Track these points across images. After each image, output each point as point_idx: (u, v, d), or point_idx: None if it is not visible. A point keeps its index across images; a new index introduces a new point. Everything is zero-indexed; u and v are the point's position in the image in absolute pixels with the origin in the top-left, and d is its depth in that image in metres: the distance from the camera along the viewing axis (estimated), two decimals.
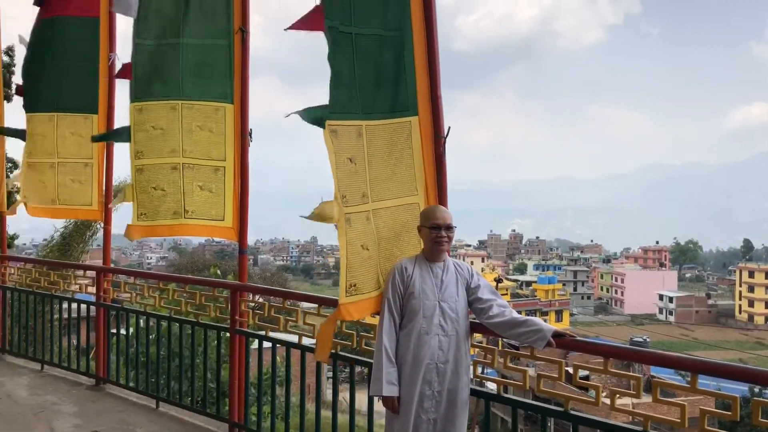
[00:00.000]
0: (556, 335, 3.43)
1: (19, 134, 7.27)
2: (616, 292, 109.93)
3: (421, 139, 4.13)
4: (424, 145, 4.14)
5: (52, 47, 6.86)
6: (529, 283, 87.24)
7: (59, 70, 6.85)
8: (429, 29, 4.20)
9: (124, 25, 6.82)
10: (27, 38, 7.05)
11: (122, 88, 6.60)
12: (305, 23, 3.88)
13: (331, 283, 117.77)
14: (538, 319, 3.54)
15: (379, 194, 4.00)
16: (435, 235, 3.71)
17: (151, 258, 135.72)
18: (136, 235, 5.60)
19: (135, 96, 5.61)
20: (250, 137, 5.62)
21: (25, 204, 7.10)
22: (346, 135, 3.86)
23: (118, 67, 6.73)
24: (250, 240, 5.66)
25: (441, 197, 4.15)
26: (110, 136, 6.63)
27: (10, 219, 8.25)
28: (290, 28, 3.86)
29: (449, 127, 4.21)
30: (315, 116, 3.83)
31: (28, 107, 7.11)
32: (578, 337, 3.62)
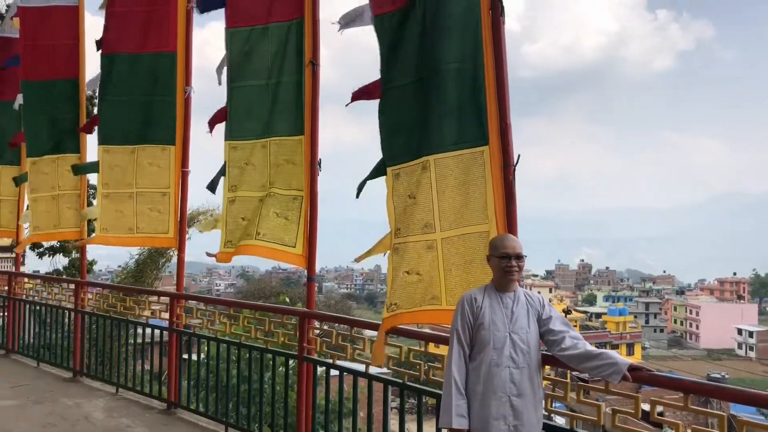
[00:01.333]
0: (632, 369, 3.30)
1: (95, 168, 7.57)
2: (690, 325, 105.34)
3: (491, 168, 4.13)
4: (494, 173, 4.13)
5: (129, 81, 7.17)
6: (598, 315, 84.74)
7: (138, 103, 7.14)
8: (498, 59, 4.24)
9: (198, 59, 7.14)
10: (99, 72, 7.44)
11: (197, 119, 6.88)
12: (366, 93, 4.36)
13: None
14: (613, 352, 3.42)
15: (450, 223, 4.09)
16: (504, 264, 3.65)
17: (219, 285, 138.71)
18: (225, 260, 6.00)
19: (230, 135, 6.04)
20: (319, 166, 5.74)
21: (104, 233, 7.37)
22: (407, 175, 4.27)
23: (193, 100, 7.04)
24: (316, 267, 5.74)
25: (511, 226, 4.10)
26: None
27: (88, 246, 8.61)
28: (353, 100, 4.47)
29: (518, 155, 4.18)
30: (373, 176, 4.32)
31: (104, 140, 7.38)
32: (654, 372, 3.48)
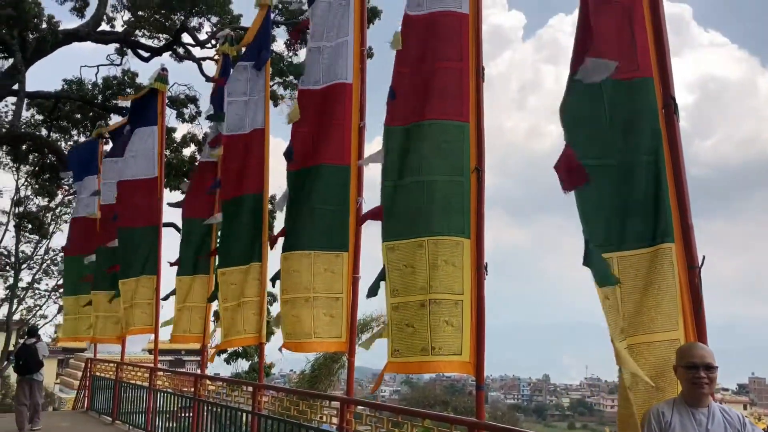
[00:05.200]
0: None
1: (276, 276, 7.98)
2: None
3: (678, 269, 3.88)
4: (680, 275, 3.86)
5: (311, 192, 7.60)
6: None
7: (317, 212, 7.53)
8: (675, 157, 4.12)
9: (369, 171, 7.51)
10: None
11: (365, 226, 7.15)
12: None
13: (566, 426, 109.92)
14: None
15: (636, 328, 3.79)
16: (692, 375, 3.34)
17: (384, 391, 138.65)
18: (392, 371, 5.79)
19: (386, 236, 5.96)
20: (486, 271, 5.69)
21: (289, 339, 7.55)
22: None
23: (364, 210, 7.35)
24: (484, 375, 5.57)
25: (700, 333, 3.78)
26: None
27: (266, 349, 9.06)
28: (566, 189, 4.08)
29: (703, 257, 3.91)
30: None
31: (286, 247, 7.78)
32: None
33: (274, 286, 7.91)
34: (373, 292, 6.16)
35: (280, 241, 7.82)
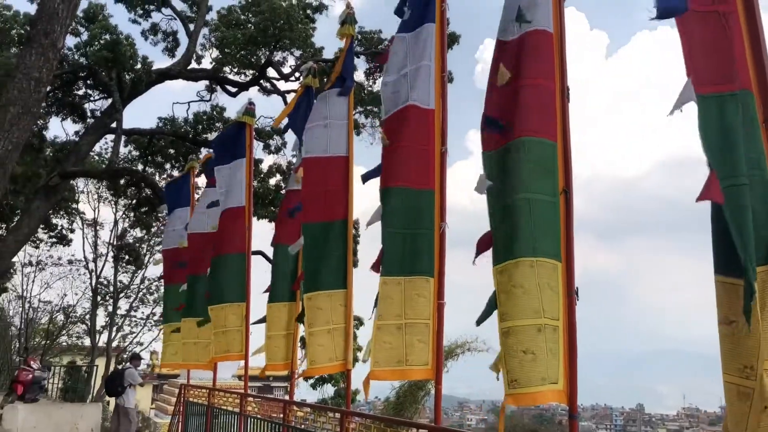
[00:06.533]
0: None
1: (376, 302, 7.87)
2: None
3: None
4: None
5: (400, 215, 7.57)
6: None
7: (408, 236, 7.50)
8: None
9: (452, 197, 7.47)
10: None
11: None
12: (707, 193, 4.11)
13: None
14: None
15: None
16: None
17: (471, 419, 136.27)
18: (511, 404, 5.47)
19: (496, 259, 5.71)
20: (576, 296, 5.53)
21: (377, 367, 7.40)
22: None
23: (447, 235, 7.30)
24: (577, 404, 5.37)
25: None
26: None
27: (353, 375, 9.07)
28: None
29: None
30: None
31: (383, 272, 7.60)
32: None
33: (373, 311, 7.77)
34: (484, 318, 5.75)
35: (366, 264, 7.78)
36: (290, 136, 21.21)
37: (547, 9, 6.03)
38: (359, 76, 20.35)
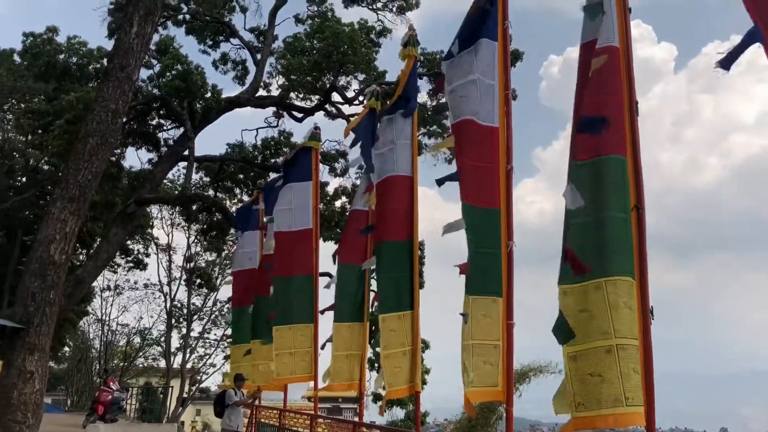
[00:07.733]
0: None
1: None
2: None
3: None
4: None
5: (471, 231, 7.19)
6: None
7: (479, 255, 7.18)
8: None
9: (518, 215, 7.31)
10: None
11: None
12: None
13: None
14: None
15: None
16: None
17: None
18: (577, 428, 5.34)
19: (561, 279, 5.56)
20: (652, 315, 5.38)
21: (473, 388, 7.06)
22: None
23: (515, 254, 7.11)
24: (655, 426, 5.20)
25: None
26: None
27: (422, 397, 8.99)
28: None
29: None
30: None
31: (469, 290, 7.19)
32: None
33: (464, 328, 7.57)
34: (564, 339, 5.47)
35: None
36: (353, 153, 21.51)
37: (611, 25, 5.92)
38: (421, 96, 20.46)
